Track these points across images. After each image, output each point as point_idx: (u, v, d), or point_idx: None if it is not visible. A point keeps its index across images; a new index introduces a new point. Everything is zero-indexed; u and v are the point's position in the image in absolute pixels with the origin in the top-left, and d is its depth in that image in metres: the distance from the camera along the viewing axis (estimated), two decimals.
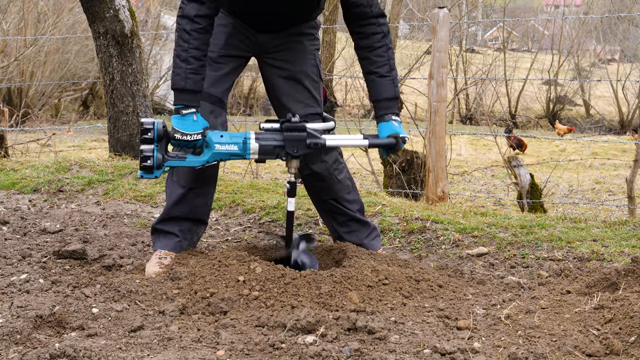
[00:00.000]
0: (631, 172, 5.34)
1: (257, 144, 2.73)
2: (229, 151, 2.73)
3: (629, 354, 2.13)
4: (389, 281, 2.68)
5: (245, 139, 2.73)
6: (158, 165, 2.66)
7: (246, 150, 2.73)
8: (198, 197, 3.02)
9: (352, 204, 3.17)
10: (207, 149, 2.72)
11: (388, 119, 2.90)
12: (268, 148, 2.74)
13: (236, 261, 2.71)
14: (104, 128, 6.46)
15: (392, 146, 2.85)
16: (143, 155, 2.65)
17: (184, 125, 2.65)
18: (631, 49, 21.65)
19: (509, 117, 18.47)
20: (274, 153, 2.75)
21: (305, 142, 2.74)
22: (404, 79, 7.43)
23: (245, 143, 2.72)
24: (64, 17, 13.84)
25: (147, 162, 2.65)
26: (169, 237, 3.02)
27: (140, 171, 2.68)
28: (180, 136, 2.64)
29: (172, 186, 3.03)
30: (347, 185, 3.15)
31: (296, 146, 2.74)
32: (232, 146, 2.72)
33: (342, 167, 3.15)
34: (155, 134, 2.65)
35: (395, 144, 2.84)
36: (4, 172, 5.08)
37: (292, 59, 3.04)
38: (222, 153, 2.73)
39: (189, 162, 2.72)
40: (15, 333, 2.15)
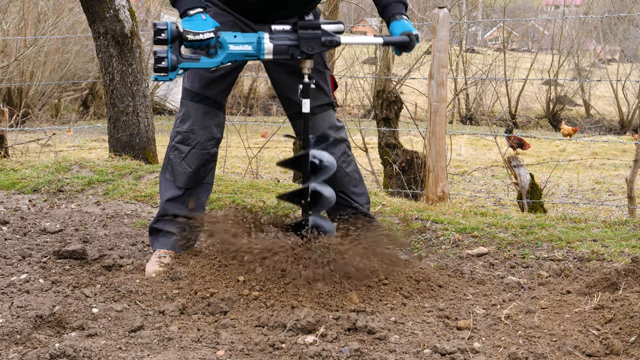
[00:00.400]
0: (631, 172, 5.33)
1: (271, 43, 2.70)
2: (243, 51, 2.69)
3: (629, 354, 2.13)
4: (389, 281, 2.68)
5: (259, 39, 2.70)
6: (173, 67, 2.61)
7: (260, 49, 2.70)
8: (194, 196, 3.02)
9: (360, 196, 3.16)
10: (220, 50, 2.67)
11: (399, 17, 2.91)
12: (282, 47, 2.71)
13: (236, 261, 2.71)
14: (104, 128, 6.46)
15: (406, 44, 2.85)
16: (157, 56, 2.59)
17: (194, 25, 2.62)
18: (631, 49, 21.66)
19: (509, 117, 18.47)
20: (288, 52, 2.72)
21: (321, 39, 2.72)
22: (404, 79, 7.43)
23: (260, 43, 2.69)
24: (64, 17, 13.85)
25: (162, 63, 2.59)
26: (167, 236, 3.02)
27: (154, 74, 2.62)
28: (193, 36, 2.60)
29: (166, 185, 3.01)
30: (355, 178, 3.14)
31: (311, 44, 2.72)
32: (246, 46, 2.69)
33: (350, 160, 3.14)
34: (169, 35, 2.60)
35: (409, 41, 2.84)
36: (4, 172, 5.08)
37: None
38: (236, 53, 2.69)
39: (203, 63, 2.67)
40: (15, 333, 2.15)
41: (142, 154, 5.33)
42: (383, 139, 6.38)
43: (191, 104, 2.94)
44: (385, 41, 2.85)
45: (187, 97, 2.96)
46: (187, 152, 2.95)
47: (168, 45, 2.60)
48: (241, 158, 8.88)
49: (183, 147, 2.95)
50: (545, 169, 9.11)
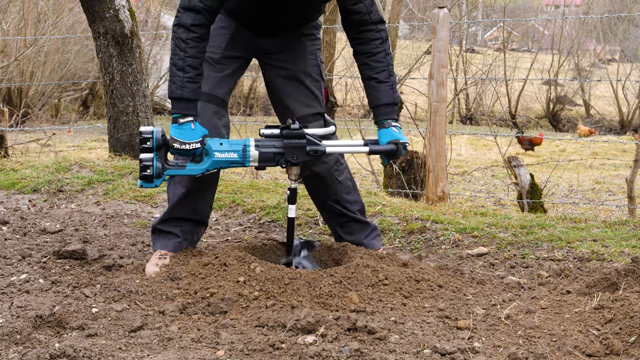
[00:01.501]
0: (631, 172, 5.33)
1: (256, 151, 2.72)
2: (229, 159, 2.72)
3: (629, 354, 2.13)
4: (389, 281, 2.68)
5: (245, 147, 2.72)
6: (158, 175, 2.65)
7: (246, 157, 2.73)
8: (200, 197, 3.02)
9: (353, 204, 3.17)
10: (206, 157, 2.71)
11: (387, 125, 2.88)
12: (268, 155, 2.73)
13: (236, 261, 2.71)
14: (104, 128, 6.46)
15: (392, 153, 2.83)
16: (142, 164, 2.64)
17: (182, 135, 2.64)
18: (631, 49, 21.67)
19: (509, 117, 18.48)
20: (273, 160, 2.74)
21: (305, 149, 2.74)
22: (404, 79, 7.43)
23: (245, 151, 2.72)
24: (64, 17, 13.85)
25: (147, 171, 2.64)
26: (170, 237, 3.02)
27: (140, 181, 2.66)
28: (179, 145, 2.64)
29: (175, 187, 3.03)
30: (348, 185, 3.15)
31: (296, 153, 2.74)
32: (231, 154, 2.72)
33: (343, 168, 3.14)
34: (154, 143, 2.64)
35: (395, 150, 2.82)
36: (4, 172, 5.08)
37: (293, 59, 3.03)
38: (222, 161, 2.72)
39: (188, 170, 2.71)
40: (15, 333, 2.15)
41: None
42: None
43: (201, 104, 2.95)
44: (371, 150, 2.83)
45: None
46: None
47: (154, 153, 2.64)
48: None
49: None
50: (545, 169, 9.11)
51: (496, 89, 17.76)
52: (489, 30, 28.67)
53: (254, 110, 17.56)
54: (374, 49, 2.90)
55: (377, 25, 2.90)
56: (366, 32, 2.89)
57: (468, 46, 20.43)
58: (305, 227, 3.75)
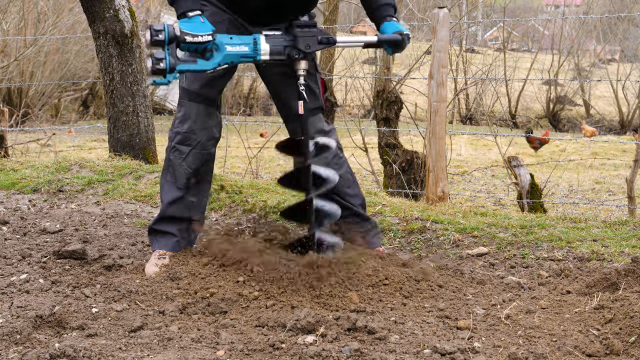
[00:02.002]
0: (631, 172, 5.33)
1: (267, 44, 2.71)
2: (240, 52, 2.69)
3: (629, 354, 2.13)
4: (389, 281, 2.68)
5: (255, 40, 2.70)
6: (171, 69, 2.59)
7: (257, 50, 2.70)
8: (195, 196, 3.02)
9: (354, 198, 3.16)
10: (217, 52, 2.66)
11: (390, 19, 2.94)
12: (279, 48, 2.72)
13: (236, 261, 2.71)
14: (104, 128, 6.46)
15: (398, 42, 2.88)
16: (155, 58, 2.57)
17: (193, 27, 2.61)
18: (631, 49, 21.67)
19: (509, 117, 18.48)
20: (284, 52, 2.73)
21: (317, 37, 2.74)
22: (404, 79, 7.42)
23: (256, 44, 2.70)
24: (64, 17, 13.85)
25: (160, 64, 2.56)
26: (167, 237, 3.01)
27: (152, 77, 2.59)
28: (191, 38, 2.59)
29: (167, 187, 3.01)
30: (348, 179, 3.14)
31: (308, 42, 2.73)
32: (242, 47, 2.69)
33: (343, 162, 3.14)
34: (166, 36, 2.57)
35: (401, 40, 2.88)
36: (4, 172, 5.08)
37: None
38: (233, 54, 2.68)
39: (200, 65, 2.66)
40: (15, 333, 2.15)
41: (142, 154, 5.33)
42: (383, 139, 6.38)
43: (191, 104, 2.93)
44: (379, 39, 2.88)
45: (186, 97, 2.95)
46: (188, 153, 2.94)
47: (165, 47, 2.58)
48: (241, 158, 8.88)
49: (183, 147, 2.95)
50: (545, 169, 9.10)
51: (496, 89, 17.76)
52: (489, 30, 28.67)
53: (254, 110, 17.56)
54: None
55: None
56: None
57: (468, 46, 20.42)
58: None
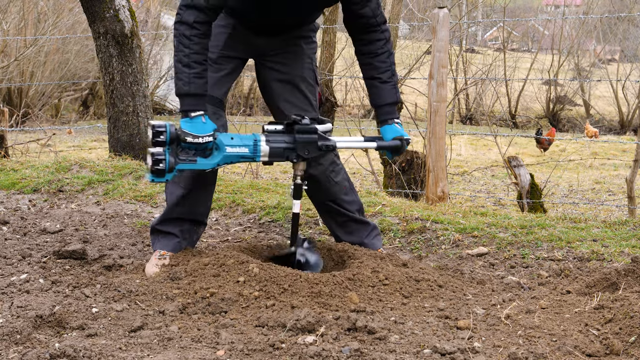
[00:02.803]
0: (631, 172, 5.33)
1: (267, 146, 2.72)
2: (240, 153, 2.71)
3: (629, 354, 2.13)
4: (389, 281, 2.68)
5: (256, 142, 2.72)
6: (170, 169, 2.63)
7: (257, 152, 2.72)
8: (198, 198, 3.03)
9: (351, 204, 3.18)
10: (217, 152, 2.70)
11: (391, 122, 2.94)
12: (278, 150, 2.73)
13: (236, 261, 2.71)
14: (104, 128, 6.46)
15: (397, 148, 2.90)
16: (155, 158, 2.61)
17: (194, 128, 2.64)
18: (631, 49, 21.66)
19: (509, 117, 18.48)
20: (284, 155, 2.74)
21: (317, 144, 2.74)
22: (404, 79, 7.42)
23: (256, 145, 2.71)
24: (64, 17, 13.85)
25: (159, 165, 2.61)
26: (169, 237, 3.02)
27: (151, 175, 2.63)
28: (192, 139, 2.62)
29: (172, 187, 3.02)
30: (345, 186, 3.16)
31: (307, 148, 2.74)
32: (242, 148, 2.71)
33: (339, 169, 3.15)
34: (167, 137, 2.62)
35: (400, 145, 2.89)
36: (4, 172, 5.08)
37: (290, 63, 3.04)
38: (233, 155, 2.71)
39: (200, 164, 2.70)
40: (15, 333, 2.15)
41: (142, 154, 5.33)
42: None
43: None
44: (378, 145, 2.90)
45: None
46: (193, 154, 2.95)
47: (166, 148, 2.63)
48: None
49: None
50: (545, 169, 9.11)
51: (496, 89, 17.76)
52: (489, 30, 28.67)
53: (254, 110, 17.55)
54: (378, 50, 2.92)
55: (381, 26, 2.92)
56: (370, 33, 2.92)
57: (468, 46, 20.43)
58: (306, 227, 3.75)
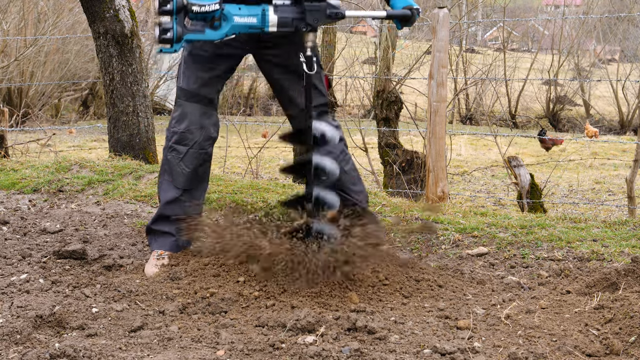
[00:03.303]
0: (631, 172, 5.33)
1: (275, 15, 2.69)
2: (248, 23, 2.68)
3: (629, 354, 2.13)
4: (389, 281, 2.68)
5: (264, 11, 2.69)
6: (178, 38, 2.59)
7: (265, 22, 2.69)
8: (193, 197, 3.02)
9: (359, 194, 3.17)
10: (225, 22, 2.66)
11: None
12: (287, 20, 2.70)
13: (236, 261, 2.71)
14: (104, 128, 6.46)
15: (407, 17, 2.86)
16: (162, 27, 2.57)
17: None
18: (631, 49, 21.66)
19: (509, 117, 18.47)
20: (292, 25, 2.71)
21: (326, 11, 2.72)
22: (404, 79, 7.43)
23: (264, 15, 2.68)
24: (64, 17, 13.85)
25: (167, 34, 2.57)
26: (165, 236, 3.01)
27: (159, 45, 2.59)
28: (198, 8, 2.59)
29: (165, 186, 3.01)
30: (353, 176, 3.15)
31: (316, 16, 2.71)
32: (250, 18, 2.67)
33: (349, 158, 3.14)
34: (174, 5, 2.58)
35: (410, 15, 2.86)
36: (4, 172, 5.07)
37: (290, 53, 3.00)
38: (241, 25, 2.67)
39: (208, 35, 2.65)
40: (15, 333, 2.15)
41: (142, 154, 5.33)
42: (383, 139, 6.38)
43: (188, 103, 2.93)
44: (388, 14, 2.86)
45: (184, 96, 2.95)
46: (185, 153, 2.94)
47: (173, 16, 2.58)
48: (241, 158, 8.88)
49: (181, 147, 2.95)
50: (545, 169, 9.10)
51: (496, 89, 17.76)
52: (489, 30, 28.66)
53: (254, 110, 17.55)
54: None
55: None
56: None
57: (468, 46, 20.43)
58: None
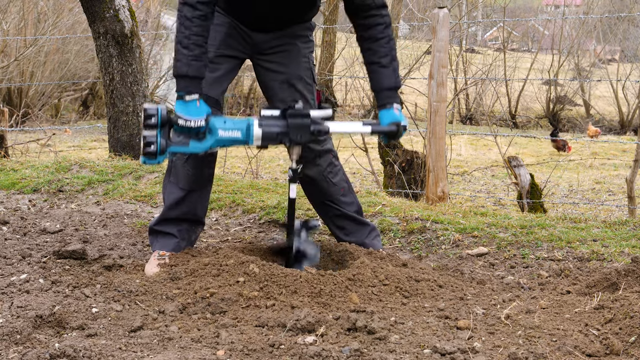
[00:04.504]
0: (631, 172, 5.33)
1: (260, 130, 2.71)
2: (232, 137, 2.71)
3: (629, 354, 2.13)
4: (389, 281, 2.68)
5: (249, 125, 2.71)
6: (161, 151, 2.64)
7: (249, 136, 2.71)
8: (197, 198, 3.03)
9: (349, 205, 3.18)
10: (210, 135, 2.69)
11: (389, 107, 2.91)
12: (271, 134, 2.71)
13: (236, 261, 2.71)
14: (104, 128, 6.46)
15: (393, 134, 2.87)
16: (146, 141, 2.62)
17: (187, 111, 2.64)
18: (631, 49, 21.65)
19: (509, 117, 18.47)
20: (277, 139, 2.73)
21: (310, 128, 2.73)
22: (404, 79, 7.43)
23: (249, 129, 2.71)
24: (64, 17, 13.84)
25: (151, 147, 2.62)
26: (167, 237, 3.02)
27: (143, 157, 2.65)
28: (184, 122, 2.63)
29: (170, 188, 3.02)
30: (343, 187, 3.16)
31: (300, 133, 2.72)
32: (235, 132, 2.70)
33: (337, 170, 3.15)
34: (159, 120, 2.62)
35: (396, 131, 2.86)
36: (4, 172, 5.07)
37: (286, 62, 3.03)
38: (225, 139, 2.71)
39: (192, 148, 2.70)
40: (15, 333, 2.15)
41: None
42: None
43: None
44: (373, 130, 2.87)
45: None
46: (190, 154, 2.95)
47: (157, 130, 2.63)
48: (241, 158, 8.88)
49: None
50: (545, 169, 9.10)
51: (496, 89, 17.75)
52: (489, 30, 28.65)
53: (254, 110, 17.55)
54: (378, 34, 2.91)
55: (380, 10, 2.90)
56: (370, 17, 2.90)
57: (468, 46, 20.42)
58: None
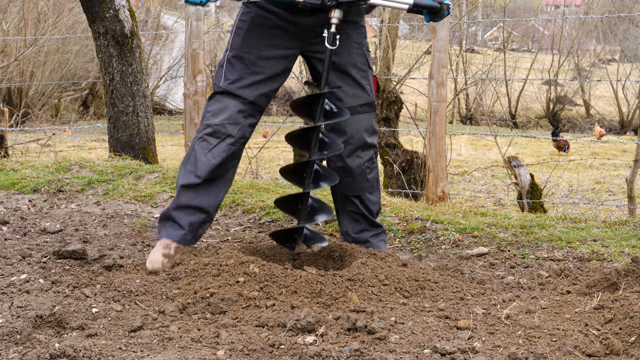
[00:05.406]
0: (631, 172, 5.33)
1: None
2: None
3: (629, 354, 2.13)
4: (389, 281, 2.68)
5: None
6: None
7: None
8: (211, 191, 3.00)
9: (374, 204, 3.18)
10: None
11: None
12: None
13: (236, 261, 2.71)
14: (104, 128, 6.46)
15: (437, 10, 2.83)
16: None
17: None
18: (631, 49, 21.66)
19: (509, 117, 18.48)
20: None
21: None
22: (404, 79, 7.43)
23: None
24: (64, 17, 13.85)
25: None
26: (175, 227, 2.98)
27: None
28: None
29: (185, 174, 2.99)
30: (373, 185, 3.16)
31: None
32: None
33: (374, 167, 3.14)
34: None
35: (439, 8, 2.83)
36: (4, 172, 5.07)
37: (337, 50, 2.94)
38: None
39: None
40: (15, 333, 2.15)
41: (142, 154, 5.33)
42: (383, 139, 6.38)
43: (227, 99, 2.94)
44: (415, 3, 2.82)
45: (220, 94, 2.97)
46: (215, 145, 2.94)
47: None
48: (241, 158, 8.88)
49: (212, 139, 2.95)
50: (545, 169, 9.10)
51: (496, 89, 17.76)
52: (489, 30, 28.65)
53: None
54: None
55: None
56: None
57: (468, 46, 20.42)
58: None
